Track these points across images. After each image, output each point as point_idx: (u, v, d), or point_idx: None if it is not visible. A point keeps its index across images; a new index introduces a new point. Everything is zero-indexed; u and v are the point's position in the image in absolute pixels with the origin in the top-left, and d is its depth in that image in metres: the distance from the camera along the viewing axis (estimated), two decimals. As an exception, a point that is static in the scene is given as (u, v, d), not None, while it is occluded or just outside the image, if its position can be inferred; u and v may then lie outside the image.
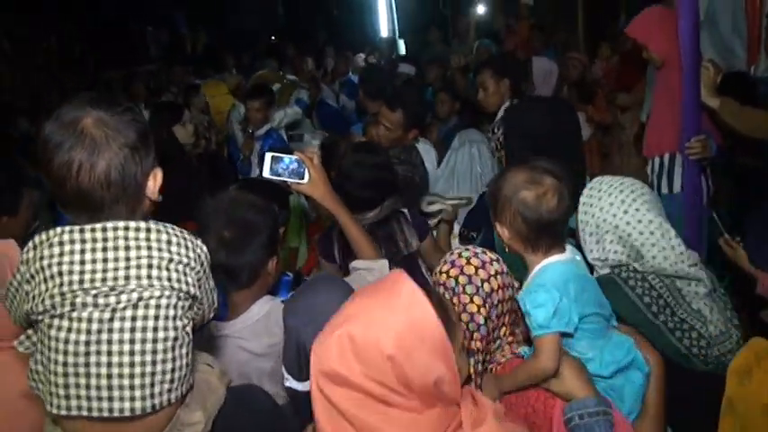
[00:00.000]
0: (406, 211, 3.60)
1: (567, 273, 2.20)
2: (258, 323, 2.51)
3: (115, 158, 1.74)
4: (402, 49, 13.93)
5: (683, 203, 3.91)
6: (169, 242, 1.82)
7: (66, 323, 1.74)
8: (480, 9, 12.23)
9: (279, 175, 2.67)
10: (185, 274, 1.83)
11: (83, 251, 1.75)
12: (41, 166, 1.76)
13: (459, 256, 2.21)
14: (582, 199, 2.68)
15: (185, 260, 1.84)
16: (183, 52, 14.57)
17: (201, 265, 1.91)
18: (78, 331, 1.73)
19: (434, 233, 3.92)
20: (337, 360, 1.54)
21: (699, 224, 3.84)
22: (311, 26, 22.28)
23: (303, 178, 2.66)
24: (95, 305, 1.73)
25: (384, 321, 1.52)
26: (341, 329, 1.55)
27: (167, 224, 1.87)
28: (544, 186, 2.18)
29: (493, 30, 10.58)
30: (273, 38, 22.76)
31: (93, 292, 1.73)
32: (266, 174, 2.68)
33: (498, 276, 2.18)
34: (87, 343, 1.72)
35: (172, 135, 5.12)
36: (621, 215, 2.53)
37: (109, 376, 1.72)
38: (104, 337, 1.72)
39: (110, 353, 1.72)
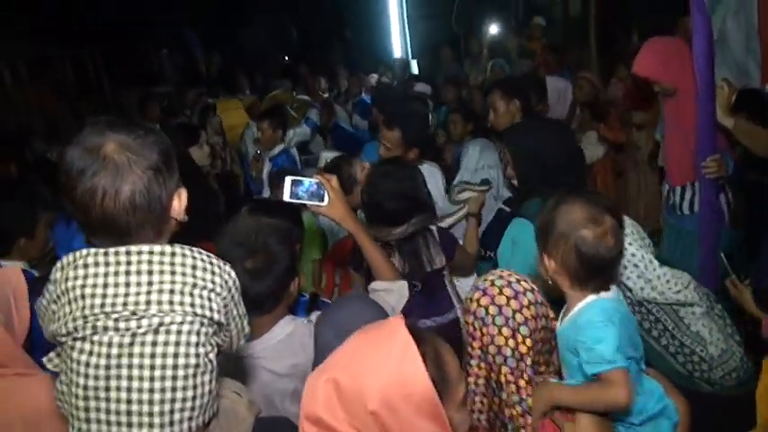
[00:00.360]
0: (434, 228, 3.61)
1: (617, 311, 2.17)
2: (281, 343, 2.51)
3: (139, 182, 1.72)
4: (415, 69, 14.00)
5: (700, 220, 3.90)
6: (194, 267, 1.80)
7: (87, 346, 1.73)
8: (493, 29, 12.30)
9: (299, 198, 2.71)
10: (210, 300, 1.80)
11: (106, 274, 1.74)
12: (64, 194, 1.74)
13: (492, 284, 2.17)
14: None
15: (210, 285, 1.81)
16: (197, 74, 14.64)
17: (229, 291, 1.87)
18: (99, 355, 1.72)
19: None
20: (323, 406, 1.51)
21: (715, 240, 3.83)
22: (324, 47, 22.43)
23: (323, 200, 2.70)
24: (116, 329, 1.72)
25: (373, 374, 1.49)
26: (329, 374, 1.53)
27: (194, 248, 1.85)
28: (605, 226, 2.15)
29: (506, 50, 10.59)
30: (287, 58, 22.93)
31: (115, 316, 1.72)
32: (286, 197, 2.71)
33: (532, 307, 2.13)
34: (107, 367, 1.72)
35: (188, 157, 5.15)
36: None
37: (128, 401, 1.71)
38: (124, 361, 1.71)
39: (129, 378, 1.71)
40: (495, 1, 14.42)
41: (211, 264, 1.84)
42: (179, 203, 1.86)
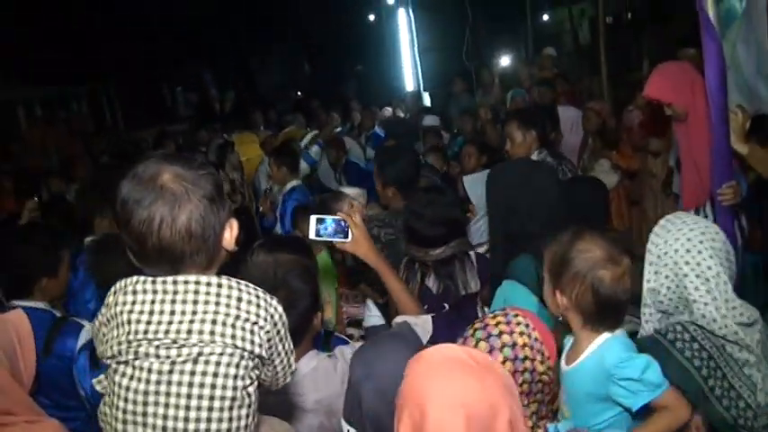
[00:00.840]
0: (472, 253, 3.62)
1: (632, 346, 2.17)
2: (306, 378, 2.50)
3: (195, 211, 1.75)
4: (427, 102, 14.09)
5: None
6: (239, 299, 1.81)
7: (129, 370, 1.76)
8: (504, 61, 12.38)
9: (324, 236, 2.74)
10: (252, 333, 1.80)
11: (153, 302, 1.77)
12: (120, 225, 1.77)
13: (494, 317, 2.15)
14: (655, 229, 2.62)
15: (254, 318, 1.81)
16: (211, 111, 14.80)
17: (274, 325, 1.87)
18: (139, 380, 1.74)
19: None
20: None
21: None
22: (337, 81, 22.62)
23: (347, 237, 2.74)
24: (157, 356, 1.74)
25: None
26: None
27: (241, 281, 1.85)
28: (623, 267, 2.16)
29: (518, 81, 10.65)
30: (299, 93, 23.14)
31: (156, 343, 1.74)
32: (312, 236, 2.76)
33: (526, 348, 2.07)
34: (146, 393, 1.73)
35: None
36: (684, 253, 2.45)
37: (164, 428, 1.72)
38: (162, 388, 1.73)
39: (166, 405, 1.72)
40: (506, 32, 14.55)
41: (257, 297, 1.85)
42: (230, 234, 1.88)
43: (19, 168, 9.55)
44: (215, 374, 1.74)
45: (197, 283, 1.79)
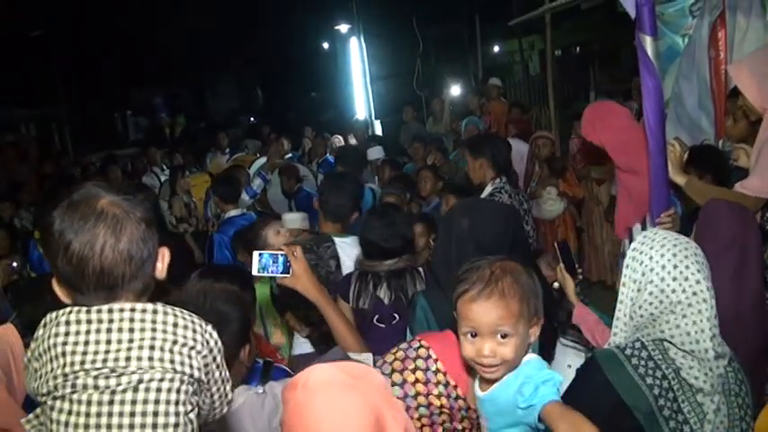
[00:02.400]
0: (422, 270, 3.74)
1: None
2: (231, 416, 2.36)
3: (136, 233, 1.73)
4: (378, 130, 14.18)
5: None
6: (175, 324, 1.77)
7: (66, 405, 1.68)
8: (455, 90, 12.55)
9: (266, 271, 2.75)
10: (190, 357, 1.76)
11: (88, 332, 1.71)
12: (56, 255, 1.71)
13: (395, 352, 2.17)
14: (633, 245, 2.56)
15: (191, 343, 1.77)
16: (161, 136, 14.70)
17: (210, 351, 1.83)
18: (78, 414, 1.67)
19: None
20: None
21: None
22: (290, 107, 22.67)
23: (288, 272, 2.74)
24: (96, 387, 1.67)
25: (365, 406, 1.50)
26: None
27: (175, 307, 1.82)
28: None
29: (468, 109, 10.79)
30: (252, 119, 23.11)
31: (94, 373, 1.67)
32: (255, 271, 2.74)
33: (418, 384, 2.09)
34: (86, 426, 1.66)
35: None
36: (671, 269, 2.39)
37: None
38: (104, 421, 1.65)
39: None
40: (456, 62, 14.76)
41: (192, 322, 1.81)
42: (162, 263, 1.85)
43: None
44: (156, 401, 1.68)
45: (132, 310, 1.74)
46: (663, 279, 2.39)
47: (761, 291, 3.06)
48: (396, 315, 3.58)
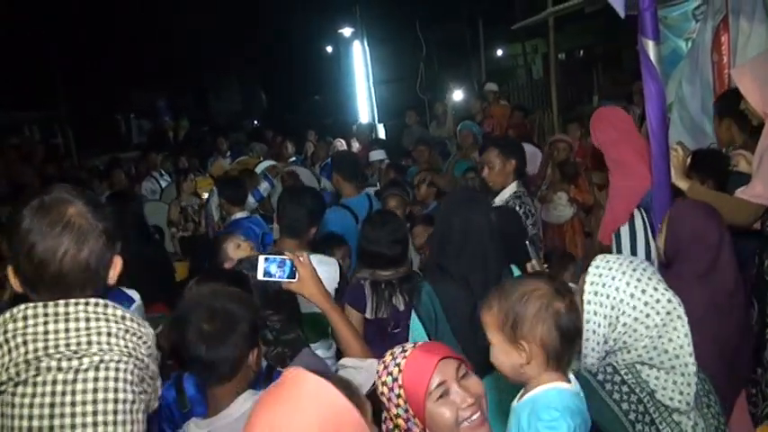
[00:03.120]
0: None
1: (577, 407, 2.05)
2: (238, 421, 2.30)
3: (95, 246, 1.88)
4: (381, 133, 14.20)
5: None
6: (123, 317, 1.92)
7: (30, 389, 1.79)
8: (457, 95, 12.56)
9: (271, 276, 2.72)
10: (139, 345, 1.93)
11: (46, 323, 1.84)
12: (20, 251, 1.84)
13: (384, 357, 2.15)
14: (589, 278, 2.45)
15: (139, 333, 1.94)
16: (164, 139, 14.72)
17: (152, 343, 2.00)
18: (43, 395, 1.78)
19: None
20: None
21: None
22: (293, 111, 22.68)
23: (294, 277, 2.72)
24: (59, 369, 1.80)
25: (295, 426, 1.45)
26: None
27: (117, 304, 1.97)
28: (570, 296, 2.09)
29: (470, 113, 10.80)
30: (256, 122, 23.14)
31: (57, 356, 1.81)
32: (260, 276, 2.72)
33: (383, 395, 2.08)
34: (52, 405, 1.78)
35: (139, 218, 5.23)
36: (640, 295, 2.34)
37: None
38: (68, 399, 1.78)
39: (73, 414, 1.78)
40: (459, 66, 14.78)
41: (135, 318, 1.98)
42: (114, 271, 2.00)
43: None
44: (116, 379, 1.84)
45: (86, 304, 1.88)
46: (635, 308, 2.33)
47: (731, 291, 3.02)
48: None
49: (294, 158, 10.23)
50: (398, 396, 2.04)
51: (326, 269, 3.91)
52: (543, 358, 2.05)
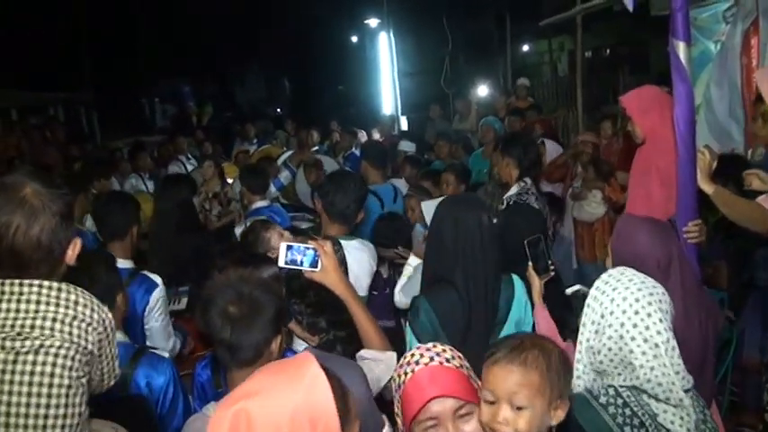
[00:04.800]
0: None
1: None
2: None
3: (47, 224, 1.98)
4: (404, 125, 14.20)
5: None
6: (76, 302, 2.01)
7: None
8: (482, 91, 12.54)
9: (293, 264, 2.70)
10: (86, 332, 2.00)
11: None
12: None
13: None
14: (597, 283, 2.46)
15: (88, 320, 2.02)
16: (188, 124, 14.78)
17: (104, 329, 2.08)
18: None
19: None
20: None
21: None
22: (317, 100, 22.70)
23: (316, 266, 2.69)
24: (2, 347, 1.91)
25: (283, 400, 1.48)
26: (238, 405, 1.50)
27: (78, 288, 2.06)
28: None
29: (494, 109, 10.78)
30: (279, 110, 23.18)
31: (2, 335, 1.91)
32: (281, 263, 2.70)
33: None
34: None
35: (191, 206, 5.17)
36: (632, 315, 2.30)
37: (7, 414, 1.88)
38: (7, 377, 1.89)
39: (10, 393, 1.88)
40: (484, 61, 14.74)
41: (92, 302, 2.06)
42: (73, 251, 2.09)
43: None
44: (53, 364, 1.92)
45: (40, 286, 1.97)
46: (622, 324, 2.31)
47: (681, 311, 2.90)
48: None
49: (317, 147, 10.26)
50: (399, 402, 2.08)
51: (365, 255, 4.01)
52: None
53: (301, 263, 2.69)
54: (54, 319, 1.95)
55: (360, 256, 3.97)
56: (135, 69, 19.96)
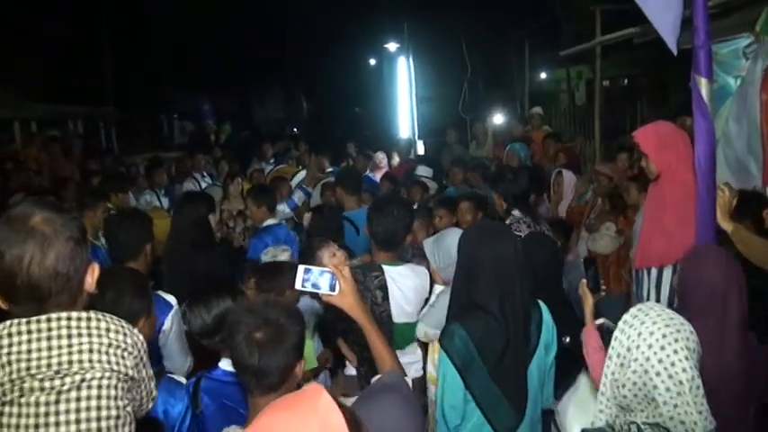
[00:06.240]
0: None
1: None
2: None
3: (63, 250, 1.90)
4: (421, 150, 14.22)
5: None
6: (108, 329, 1.96)
7: (15, 409, 1.83)
8: (498, 117, 12.55)
9: (310, 286, 2.67)
10: (123, 358, 1.96)
11: (29, 341, 1.87)
12: None
13: None
14: (625, 316, 2.47)
15: (123, 345, 1.97)
16: (206, 141, 14.86)
17: (138, 351, 2.04)
18: (28, 416, 1.82)
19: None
20: None
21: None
22: (333, 120, 22.80)
23: (334, 290, 2.67)
24: (42, 389, 1.84)
25: None
26: None
27: (105, 314, 2.01)
28: None
29: (512, 136, 10.77)
30: (296, 130, 23.27)
31: (40, 376, 1.84)
32: (298, 286, 2.67)
33: None
34: (36, 426, 1.82)
35: (208, 224, 5.15)
36: (657, 350, 2.30)
37: None
38: (52, 419, 1.83)
39: None
40: (502, 88, 14.78)
41: (122, 326, 2.02)
42: (92, 277, 2.02)
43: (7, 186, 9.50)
44: (98, 397, 1.87)
45: (68, 318, 1.92)
46: (648, 359, 2.31)
47: (744, 338, 2.94)
48: None
49: (331, 169, 10.26)
50: None
51: (409, 282, 4.01)
52: None
53: (319, 286, 2.68)
54: (90, 351, 1.90)
55: (404, 283, 3.96)
56: (156, 86, 20.13)
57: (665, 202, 4.13)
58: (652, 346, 2.31)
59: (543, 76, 20.98)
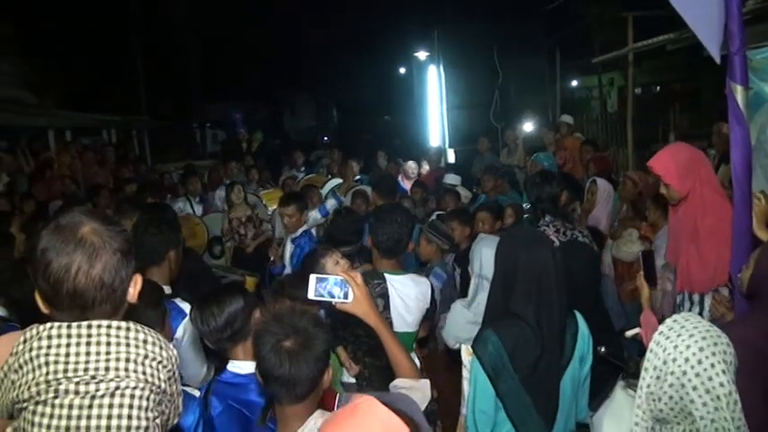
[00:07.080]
0: None
1: None
2: None
3: (110, 261, 1.91)
4: (451, 158, 14.19)
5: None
6: (145, 341, 1.97)
7: (48, 410, 1.85)
8: (529, 125, 12.51)
9: (323, 296, 2.69)
10: (158, 370, 1.97)
11: (68, 345, 1.89)
12: (37, 270, 1.89)
13: None
14: (661, 327, 2.42)
15: (159, 358, 1.98)
16: (238, 150, 14.99)
17: (172, 365, 2.05)
18: (60, 417, 1.84)
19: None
20: None
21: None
22: (363, 129, 22.85)
23: (347, 297, 2.68)
24: (76, 392, 1.85)
25: None
26: None
27: (144, 326, 2.01)
28: None
29: (542, 144, 10.73)
30: (326, 138, 23.39)
31: (76, 379, 1.85)
32: (311, 295, 2.69)
33: None
34: (68, 428, 1.83)
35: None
36: (695, 363, 2.26)
37: None
38: (83, 423, 1.83)
39: None
40: (534, 95, 14.71)
41: (159, 340, 2.02)
42: (135, 288, 2.03)
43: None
44: (130, 406, 1.88)
45: (108, 327, 1.93)
46: (684, 372, 2.27)
47: None
48: None
49: (359, 177, 10.27)
50: None
51: (411, 291, 4.00)
52: None
53: (333, 294, 2.68)
54: (127, 360, 1.91)
55: (405, 292, 3.96)
56: (188, 95, 20.36)
57: (696, 227, 4.05)
58: (689, 360, 2.27)
59: (575, 83, 20.88)
